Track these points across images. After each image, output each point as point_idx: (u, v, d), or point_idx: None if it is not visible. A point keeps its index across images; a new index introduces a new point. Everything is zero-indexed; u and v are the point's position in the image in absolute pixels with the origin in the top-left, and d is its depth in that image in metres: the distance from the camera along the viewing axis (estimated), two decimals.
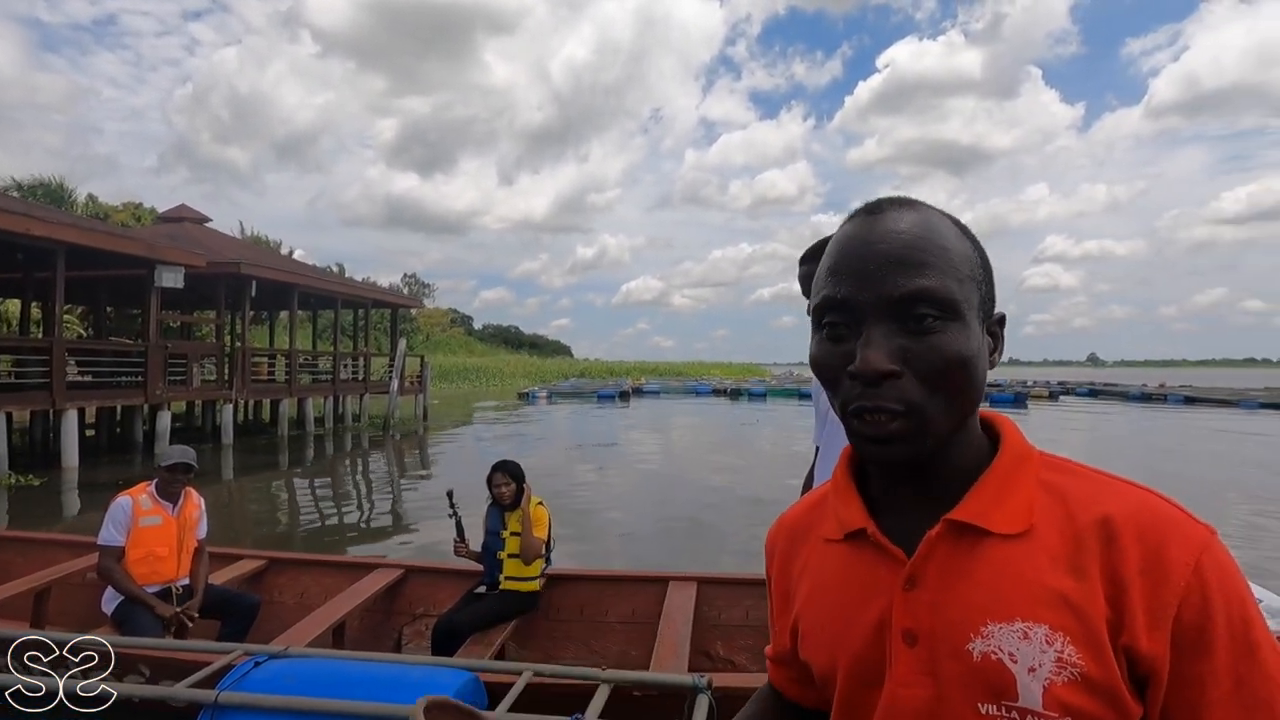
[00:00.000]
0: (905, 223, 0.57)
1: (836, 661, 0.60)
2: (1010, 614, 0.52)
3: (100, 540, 3.11)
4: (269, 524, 7.62)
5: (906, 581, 0.56)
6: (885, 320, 0.55)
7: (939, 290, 0.54)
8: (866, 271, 0.55)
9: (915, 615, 0.55)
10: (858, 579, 0.60)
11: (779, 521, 0.73)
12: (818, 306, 0.59)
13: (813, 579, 0.65)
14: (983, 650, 0.52)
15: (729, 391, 36.15)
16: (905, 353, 0.54)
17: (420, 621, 3.59)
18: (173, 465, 3.21)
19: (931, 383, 0.54)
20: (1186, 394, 29.99)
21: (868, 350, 0.54)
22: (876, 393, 0.54)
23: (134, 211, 32.64)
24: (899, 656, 0.56)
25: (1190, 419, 21.47)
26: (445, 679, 2.03)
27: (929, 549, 0.56)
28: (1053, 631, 0.51)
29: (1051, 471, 0.58)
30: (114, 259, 11.17)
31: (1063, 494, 0.55)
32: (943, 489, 0.58)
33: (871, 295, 0.55)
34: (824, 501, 0.68)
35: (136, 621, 2.98)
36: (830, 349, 0.58)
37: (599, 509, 8.26)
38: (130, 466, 10.68)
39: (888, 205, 0.59)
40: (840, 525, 0.63)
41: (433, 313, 63.68)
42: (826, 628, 0.61)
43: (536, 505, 3.34)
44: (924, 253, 0.55)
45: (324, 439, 15.04)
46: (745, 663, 3.26)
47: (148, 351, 11.61)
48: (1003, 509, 0.55)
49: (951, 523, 0.56)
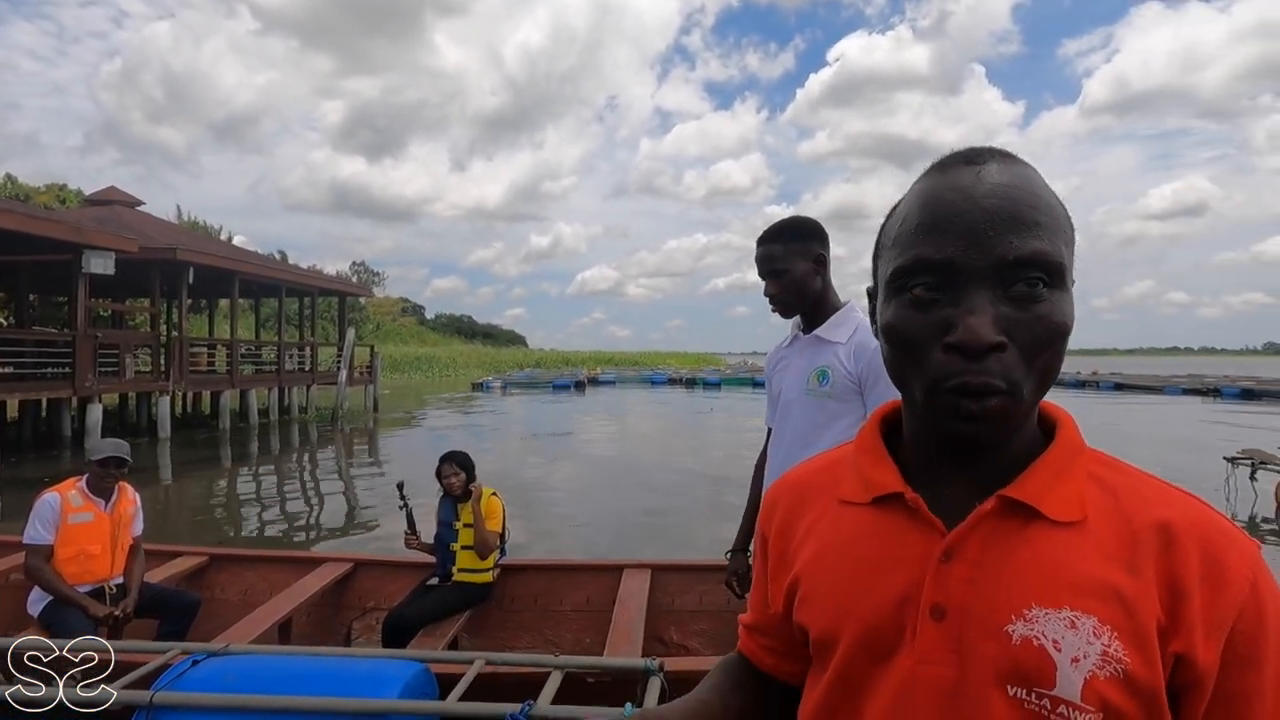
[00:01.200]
0: (1013, 176, 0.52)
1: (841, 628, 0.56)
2: (1058, 601, 0.50)
3: (26, 539, 2.95)
4: (211, 522, 7.35)
5: (944, 554, 0.53)
6: (991, 286, 0.50)
7: (1052, 254, 0.50)
8: (975, 230, 0.50)
9: (948, 590, 0.53)
10: (881, 545, 0.57)
11: (784, 479, 0.69)
12: (902, 268, 0.53)
13: (822, 539, 0.61)
14: (1024, 634, 0.50)
15: (684, 381, 36.38)
16: (1010, 322, 0.50)
17: (370, 615, 3.53)
18: (104, 459, 3.07)
19: (1032, 356, 0.51)
20: (1117, 380, 31.70)
21: (973, 319, 0.50)
22: (981, 368, 0.50)
23: (58, 194, 30.79)
24: (924, 631, 0.53)
25: (1120, 404, 22.64)
26: (394, 671, 2.00)
27: (976, 523, 0.53)
28: (1101, 624, 0.49)
29: (1101, 467, 0.56)
30: (37, 243, 10.52)
31: (1114, 490, 0.54)
32: (989, 467, 0.55)
33: (981, 258, 0.50)
34: (839, 463, 0.64)
35: (66, 623, 2.84)
36: (917, 316, 0.53)
37: (553, 499, 8.23)
38: (58, 462, 10.14)
39: (987, 155, 0.53)
40: (867, 488, 0.59)
41: (383, 302, 62.18)
42: (835, 591, 0.58)
43: (490, 496, 3.32)
44: (1036, 211, 0.51)
45: (269, 431, 14.56)
46: (698, 647, 3.31)
47: (75, 341, 11.01)
48: (1056, 495, 0.53)
49: (1005, 499, 0.53)
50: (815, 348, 1.71)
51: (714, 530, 6.65)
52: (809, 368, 1.70)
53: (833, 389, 1.64)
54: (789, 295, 1.69)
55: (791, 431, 1.71)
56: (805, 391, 1.69)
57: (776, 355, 1.88)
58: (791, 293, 1.68)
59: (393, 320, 61.09)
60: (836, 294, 1.75)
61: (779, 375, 1.83)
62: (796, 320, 1.79)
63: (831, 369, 1.65)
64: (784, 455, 1.74)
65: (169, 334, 14.47)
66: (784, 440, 1.75)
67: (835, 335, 1.69)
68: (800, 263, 1.66)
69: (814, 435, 1.66)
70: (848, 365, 1.64)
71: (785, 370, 1.80)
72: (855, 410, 1.63)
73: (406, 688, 1.93)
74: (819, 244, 1.68)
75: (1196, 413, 19.78)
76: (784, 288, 1.68)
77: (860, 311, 1.73)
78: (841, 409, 1.64)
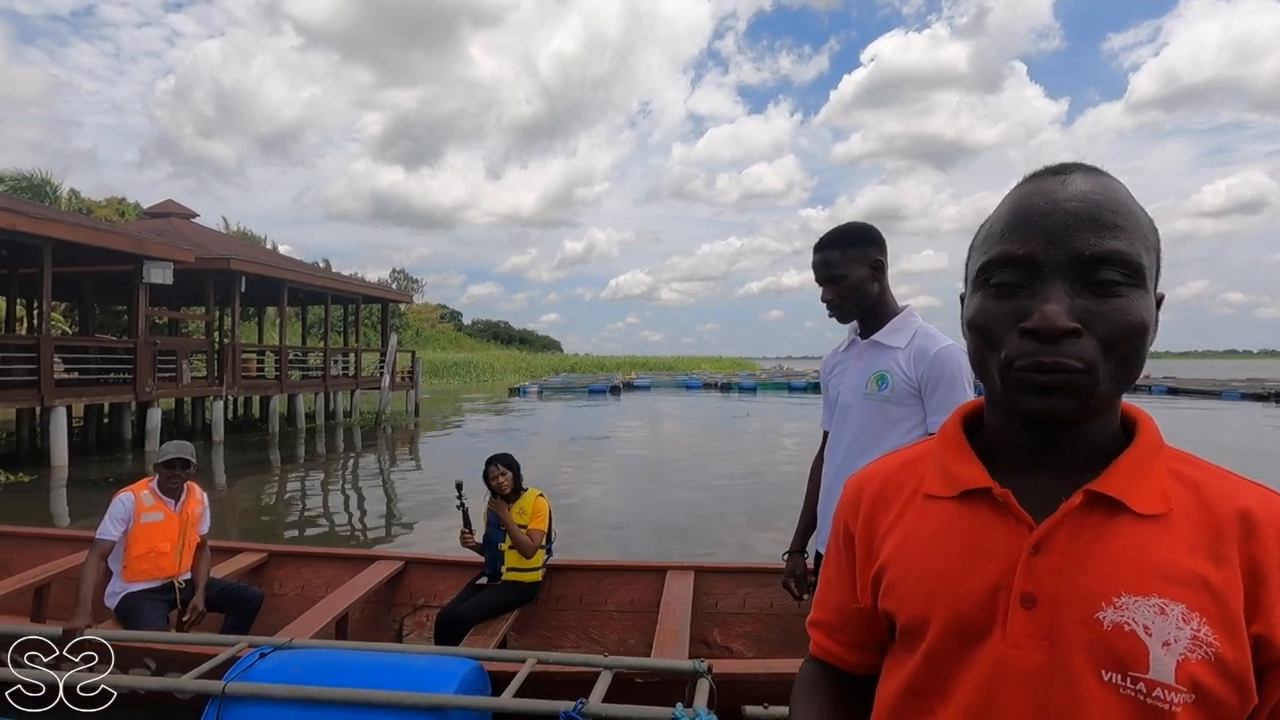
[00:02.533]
0: (1095, 185, 0.56)
1: (932, 613, 0.59)
2: (1146, 588, 0.52)
3: (96, 534, 3.11)
4: (263, 520, 7.60)
5: (1033, 546, 0.56)
6: (1069, 279, 0.54)
7: (1129, 253, 0.54)
8: (1056, 228, 0.54)
9: (1038, 579, 0.55)
10: (970, 537, 0.59)
11: (866, 474, 0.71)
12: (988, 263, 0.58)
13: (908, 531, 0.63)
14: (1115, 620, 0.52)
15: (720, 385, 36.19)
16: (1086, 313, 0.54)
17: (421, 613, 3.63)
18: (170, 461, 3.22)
19: (1110, 346, 0.54)
20: (1170, 384, 30.41)
21: (1048, 305, 0.53)
22: (1055, 349, 0.53)
23: (118, 207, 32.20)
24: (1015, 618, 0.55)
25: (1175, 408, 21.78)
26: (450, 667, 2.06)
27: (1063, 517, 0.56)
28: (1190, 611, 0.51)
29: (1180, 463, 0.58)
30: (101, 255, 11.04)
31: (1195, 485, 0.56)
32: (1071, 461, 0.58)
33: (1059, 253, 0.54)
34: (921, 460, 0.67)
35: (140, 615, 2.99)
36: (997, 305, 0.57)
37: (593, 502, 8.30)
38: (120, 464, 10.60)
39: (1073, 168, 0.58)
40: (952, 482, 0.62)
41: (422, 308, 63.32)
42: (925, 579, 0.60)
43: (537, 497, 3.38)
44: (1115, 214, 0.55)
45: (315, 435, 14.98)
46: (743, 649, 3.31)
47: (136, 348, 11.51)
48: (1140, 489, 0.56)
49: (1091, 494, 0.56)
50: (873, 352, 1.72)
51: (752, 534, 6.63)
52: (867, 372, 1.70)
53: (892, 394, 1.64)
54: (847, 301, 1.70)
55: (850, 436, 1.72)
56: (864, 396, 1.69)
57: (833, 359, 1.88)
58: (849, 298, 1.69)
59: (431, 326, 62.19)
60: (895, 299, 1.76)
61: (836, 379, 1.83)
62: (854, 325, 1.79)
63: (891, 374, 1.65)
64: (841, 459, 1.74)
65: (221, 340, 15.01)
66: (841, 444, 1.75)
67: (894, 340, 1.69)
68: (858, 268, 1.67)
69: (872, 440, 1.66)
70: (907, 370, 1.64)
71: (843, 375, 1.80)
72: (914, 415, 1.63)
73: (463, 684, 2.00)
74: (877, 250, 1.69)
75: (1258, 419, 18.90)
76: (841, 293, 1.69)
77: (918, 316, 1.74)
78: (900, 414, 1.64)
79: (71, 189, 29.36)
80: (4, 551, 3.98)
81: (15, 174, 25.46)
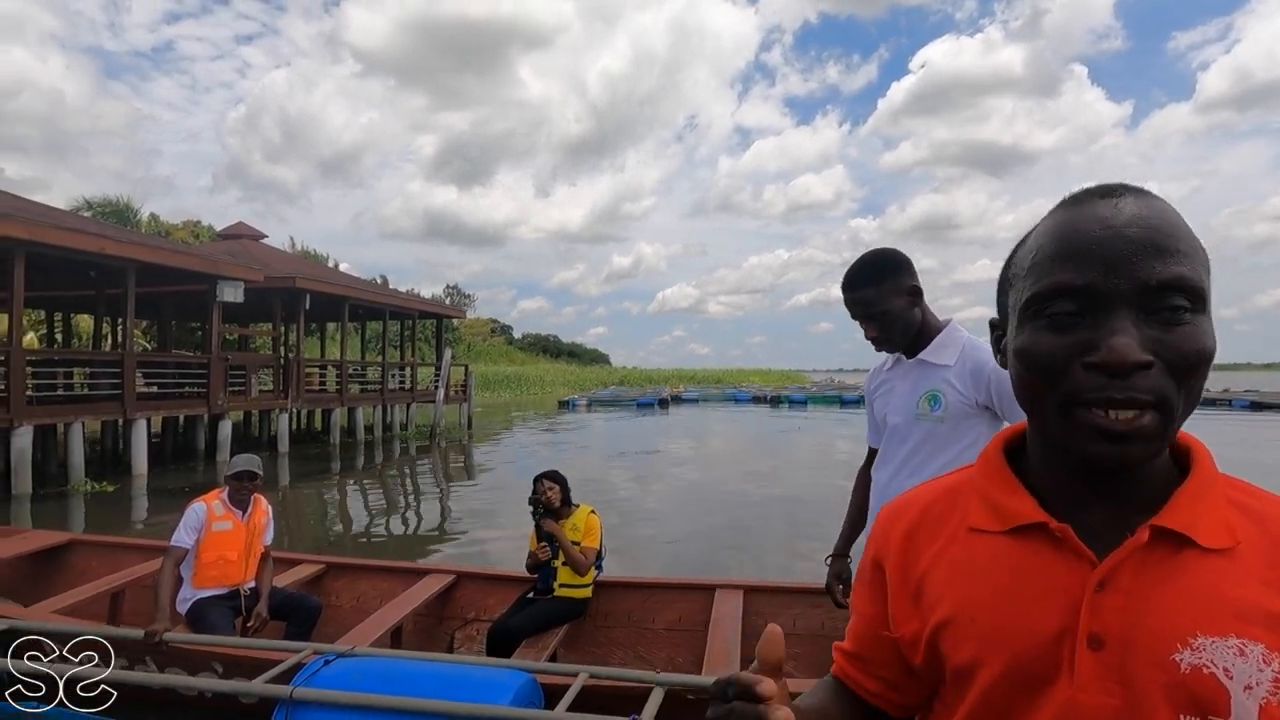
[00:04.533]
0: (1150, 208, 0.53)
1: (985, 659, 0.56)
2: (1223, 629, 0.50)
3: (171, 541, 3.27)
4: (324, 529, 7.88)
5: (1098, 584, 0.53)
6: (1134, 309, 0.51)
7: (1194, 280, 0.51)
8: (1118, 256, 0.51)
9: (1104, 620, 0.53)
10: (1024, 575, 0.56)
11: (896, 505, 0.69)
12: (1040, 294, 0.54)
13: (954, 568, 0.60)
14: (1192, 662, 0.50)
15: (769, 399, 35.78)
16: (1156, 343, 0.51)
17: (472, 626, 3.69)
18: (238, 473, 3.38)
19: (1180, 377, 0.51)
20: (1253, 399, 28.53)
21: (1117, 339, 0.50)
22: (1126, 384, 0.50)
23: (193, 229, 34.16)
24: (1082, 661, 0.53)
25: (1258, 425, 20.43)
26: (505, 679, 2.10)
27: (1128, 554, 0.53)
28: (1270, 651, 0.49)
29: (1239, 493, 0.56)
30: (179, 275, 11.72)
31: (1259, 516, 0.54)
32: (1130, 494, 0.55)
33: (1125, 282, 0.51)
34: (959, 489, 0.64)
35: (209, 620, 3.13)
36: (1055, 339, 0.53)
37: (642, 517, 8.30)
38: (194, 473, 11.15)
39: (1123, 190, 0.55)
40: (1001, 516, 0.59)
41: (474, 323, 64.80)
42: (977, 622, 0.57)
43: (589, 514, 3.42)
44: (1176, 239, 0.52)
45: (373, 447, 15.44)
46: (792, 670, 3.26)
47: (210, 363, 12.13)
48: (1206, 522, 0.53)
49: (1157, 529, 0.53)
50: (921, 371, 1.68)
51: (802, 553, 6.52)
52: (916, 392, 1.67)
53: (946, 413, 1.61)
54: (892, 334, 1.66)
55: (900, 457, 1.69)
56: (915, 417, 1.66)
57: (877, 378, 1.85)
58: (894, 330, 1.65)
59: (483, 340, 63.56)
60: (934, 315, 1.71)
61: (882, 398, 1.80)
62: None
63: (943, 393, 1.62)
64: (888, 479, 1.71)
65: (286, 355, 15.67)
66: (891, 464, 1.72)
67: (942, 358, 1.65)
68: (896, 300, 1.62)
69: (924, 462, 1.63)
70: (963, 389, 1.60)
71: (889, 394, 1.77)
72: (970, 434, 1.59)
73: (517, 696, 2.03)
74: (909, 275, 1.65)
75: None
76: (885, 328, 1.65)
77: (962, 330, 1.69)
78: (954, 434, 1.60)
79: (151, 213, 31.32)
80: (83, 559, 4.23)
81: (102, 200, 27.27)
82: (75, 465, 9.67)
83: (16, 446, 8.80)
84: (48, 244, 8.99)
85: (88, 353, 14.70)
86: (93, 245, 9.65)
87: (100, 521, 7.89)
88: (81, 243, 9.48)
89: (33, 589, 4.01)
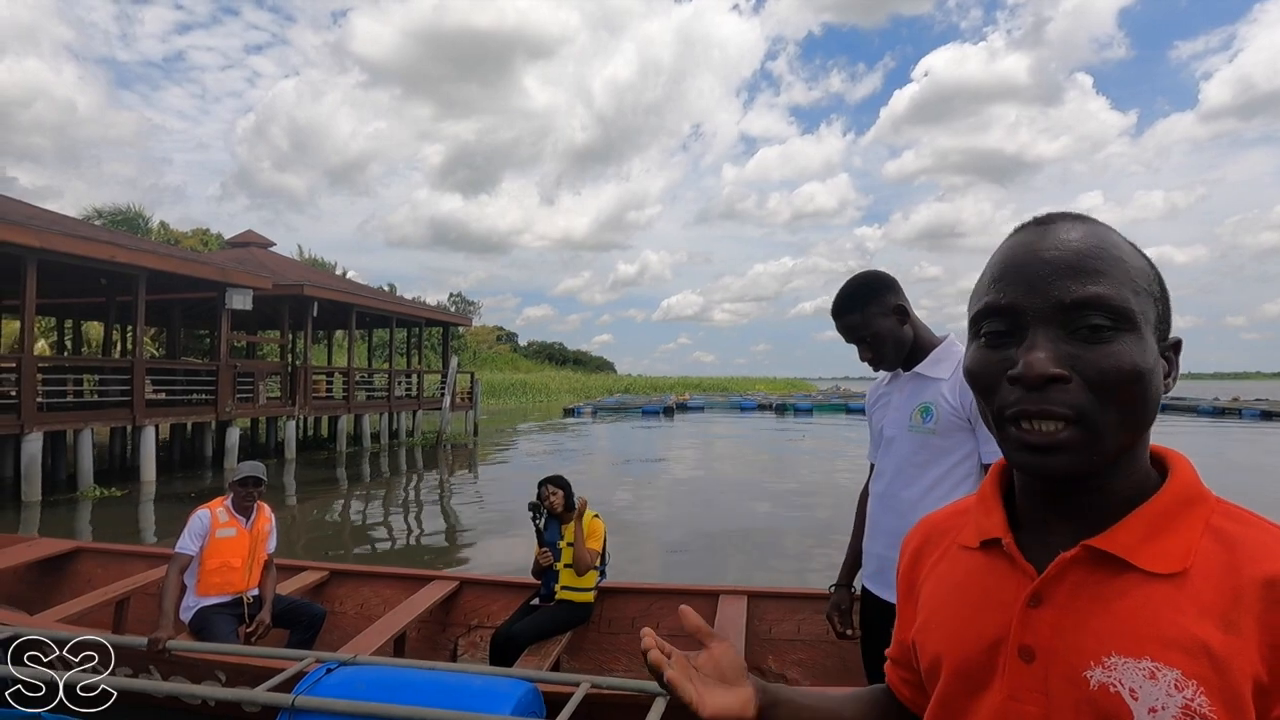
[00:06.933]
0: (1077, 232, 0.56)
1: (944, 660, 0.61)
2: (1139, 650, 0.51)
3: (176, 548, 3.28)
4: (329, 536, 7.89)
5: (1031, 598, 0.56)
6: (1053, 326, 0.54)
7: (1113, 298, 0.53)
8: (1036, 277, 0.54)
9: (1035, 632, 0.55)
10: (982, 587, 0.60)
11: (921, 522, 0.74)
12: (977, 314, 0.58)
13: (939, 579, 0.66)
14: (1101, 680, 0.51)
15: (775, 407, 35.71)
16: (1074, 359, 0.53)
17: (475, 633, 3.69)
18: (244, 479, 3.39)
19: (1102, 393, 0.52)
20: (1263, 408, 28.21)
21: (1031, 354, 0.53)
22: (1041, 397, 0.52)
23: (202, 237, 34.43)
24: (1012, 670, 0.56)
25: (1270, 435, 20.24)
26: (506, 689, 2.09)
27: (1060, 570, 0.55)
28: (1185, 678, 0.49)
29: (1227, 519, 0.55)
30: (189, 283, 11.82)
31: (1232, 544, 0.53)
32: (1095, 514, 0.56)
33: (1040, 301, 0.54)
34: (968, 510, 0.68)
35: (212, 628, 3.13)
36: (988, 355, 0.57)
37: (647, 523, 8.28)
38: (201, 480, 11.20)
39: (1059, 218, 0.58)
40: (978, 533, 0.63)
41: (479, 330, 64.96)
42: (941, 626, 0.63)
43: (593, 518, 3.42)
44: (1098, 260, 0.54)
45: (380, 454, 15.48)
46: (798, 677, 3.24)
47: (218, 370, 12.21)
48: (1155, 546, 0.53)
49: (1090, 549, 0.54)
50: (916, 384, 1.70)
51: (807, 561, 6.48)
52: (910, 404, 1.69)
53: (937, 425, 1.62)
54: (884, 353, 1.69)
55: (893, 468, 1.71)
56: (908, 429, 1.68)
57: (876, 392, 1.87)
58: (886, 349, 1.68)
59: (488, 348, 63.69)
60: (930, 330, 1.74)
61: (880, 412, 1.82)
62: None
63: (936, 405, 1.63)
64: (884, 490, 1.73)
65: (294, 363, 15.77)
66: (885, 476, 1.74)
67: (937, 371, 1.67)
68: (883, 321, 1.66)
69: (916, 473, 1.64)
70: (952, 400, 1.61)
71: (886, 407, 1.79)
72: (961, 447, 1.60)
73: (518, 705, 2.02)
74: (893, 295, 1.67)
75: None
76: (876, 348, 1.68)
77: (960, 344, 1.71)
78: (945, 446, 1.61)
79: (161, 221, 31.65)
80: (88, 567, 4.24)
81: (113, 209, 27.57)
82: (84, 471, 9.74)
83: (27, 453, 8.87)
84: (59, 252, 9.08)
85: (98, 359, 14.83)
86: (103, 253, 9.74)
87: (110, 527, 7.92)
88: (92, 250, 9.57)
89: (39, 597, 4.03)
